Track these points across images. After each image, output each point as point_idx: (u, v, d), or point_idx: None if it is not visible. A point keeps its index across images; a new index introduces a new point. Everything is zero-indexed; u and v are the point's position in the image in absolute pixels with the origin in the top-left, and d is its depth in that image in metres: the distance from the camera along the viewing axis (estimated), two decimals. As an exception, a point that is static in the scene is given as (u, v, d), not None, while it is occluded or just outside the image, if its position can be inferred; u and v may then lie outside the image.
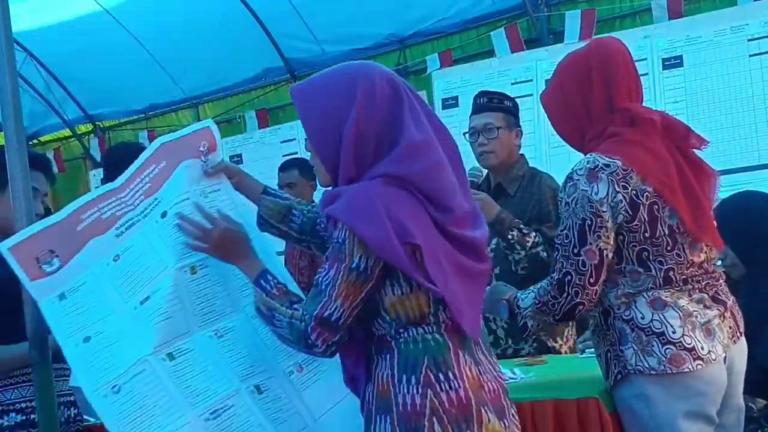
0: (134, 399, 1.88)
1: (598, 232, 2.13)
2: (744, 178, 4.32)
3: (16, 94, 2.03)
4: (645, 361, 2.13)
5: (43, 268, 1.95)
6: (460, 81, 5.53)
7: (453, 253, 1.76)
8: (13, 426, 2.37)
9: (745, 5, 4.82)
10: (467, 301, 1.78)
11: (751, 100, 4.58)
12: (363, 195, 1.71)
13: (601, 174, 2.14)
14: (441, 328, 1.78)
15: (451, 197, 1.76)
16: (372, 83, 1.75)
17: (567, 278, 2.16)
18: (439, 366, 1.75)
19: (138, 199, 2.05)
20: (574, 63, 2.31)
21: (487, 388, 1.80)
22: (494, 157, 3.29)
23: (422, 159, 1.74)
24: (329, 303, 1.74)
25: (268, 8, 6.41)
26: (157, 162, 2.09)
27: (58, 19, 6.81)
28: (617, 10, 5.44)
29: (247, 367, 2.04)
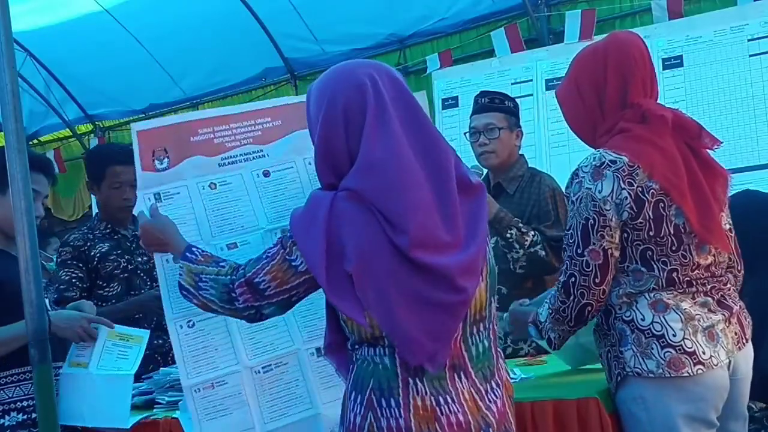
0: (202, 336, 2.05)
1: (601, 231, 2.10)
2: (744, 178, 4.31)
3: (16, 94, 2.03)
4: (644, 364, 2.10)
5: (155, 163, 2.06)
6: (460, 81, 5.53)
7: (408, 279, 1.65)
8: (14, 425, 2.37)
9: (745, 5, 4.82)
10: (425, 333, 1.67)
11: (751, 100, 4.58)
12: (315, 207, 1.71)
13: (607, 171, 2.11)
14: (394, 352, 1.71)
15: (410, 218, 1.64)
16: (335, 91, 1.71)
17: (572, 280, 2.13)
18: (383, 391, 1.70)
19: (246, 140, 2.15)
20: (590, 56, 2.27)
21: (447, 421, 1.68)
22: (495, 157, 3.30)
23: (376, 177, 1.66)
24: (260, 273, 1.77)
25: (268, 8, 6.41)
26: (273, 117, 2.18)
27: (58, 19, 6.81)
28: (617, 10, 5.44)
29: (314, 330, 2.14)
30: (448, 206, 1.69)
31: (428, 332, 1.67)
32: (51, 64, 7.33)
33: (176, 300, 1.99)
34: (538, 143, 5.10)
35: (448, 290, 1.68)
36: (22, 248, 2.02)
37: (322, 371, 2.13)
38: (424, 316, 1.67)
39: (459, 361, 1.74)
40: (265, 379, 2.09)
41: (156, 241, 2.00)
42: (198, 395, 2.01)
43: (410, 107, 1.73)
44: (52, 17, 6.76)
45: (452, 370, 1.72)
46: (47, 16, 6.68)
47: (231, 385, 2.04)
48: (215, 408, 2.03)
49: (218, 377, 2.04)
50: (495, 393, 1.77)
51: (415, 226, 1.64)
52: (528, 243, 3.13)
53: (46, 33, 6.82)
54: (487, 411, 1.73)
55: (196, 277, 1.87)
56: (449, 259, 1.67)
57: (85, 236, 3.35)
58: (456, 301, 1.69)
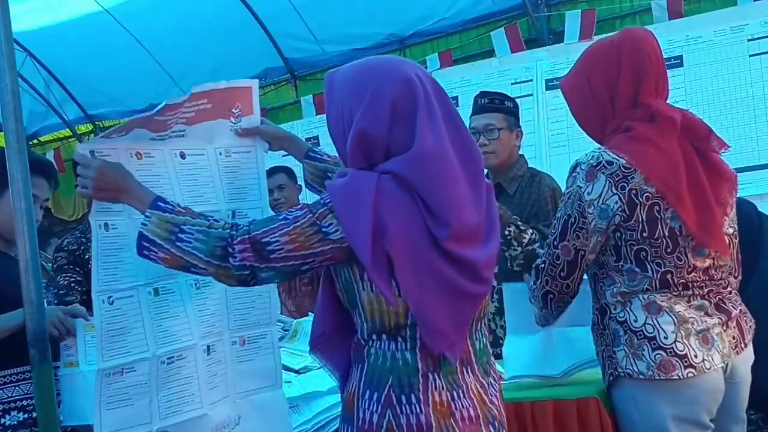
0: (119, 316, 1.95)
1: (578, 231, 2.15)
2: (744, 178, 4.28)
3: (16, 94, 2.02)
4: (635, 365, 2.11)
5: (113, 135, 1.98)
6: (460, 81, 5.53)
7: (442, 268, 1.67)
8: (15, 425, 2.37)
9: (745, 5, 4.82)
10: (451, 322, 1.70)
11: (751, 100, 4.59)
12: (360, 182, 1.68)
13: (600, 173, 2.12)
14: (415, 346, 1.71)
15: (453, 212, 1.67)
16: (382, 84, 1.70)
17: (541, 265, 2.23)
18: (403, 387, 1.70)
19: (181, 120, 2.09)
20: (604, 51, 2.24)
21: (461, 415, 1.70)
22: (495, 158, 3.31)
23: (429, 168, 1.67)
24: (273, 233, 1.69)
25: (268, 8, 6.41)
26: (209, 100, 2.10)
27: (58, 19, 6.80)
28: (617, 10, 5.44)
29: (209, 326, 2.11)
30: (479, 205, 1.73)
31: (453, 321, 1.70)
32: (51, 64, 7.33)
33: (105, 270, 1.93)
34: (538, 143, 5.10)
35: (475, 281, 1.71)
36: (22, 248, 2.01)
37: (210, 369, 2.10)
38: (451, 304, 1.69)
39: (467, 355, 1.77)
40: (168, 371, 2.00)
41: (113, 186, 1.87)
42: (107, 381, 1.92)
43: (450, 107, 1.76)
44: (52, 17, 6.75)
45: (462, 365, 1.75)
46: (47, 16, 6.68)
47: (138, 373, 1.96)
48: (119, 397, 1.94)
49: (129, 363, 1.94)
50: (494, 387, 1.81)
51: (457, 220, 1.67)
52: (526, 241, 3.14)
53: (46, 33, 6.82)
54: (491, 405, 1.77)
55: (175, 227, 1.76)
56: (477, 253, 1.71)
57: (79, 240, 3.34)
58: (481, 292, 1.74)
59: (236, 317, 2.18)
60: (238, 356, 2.17)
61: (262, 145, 2.23)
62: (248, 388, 2.18)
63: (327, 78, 1.82)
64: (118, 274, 1.96)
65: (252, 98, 2.21)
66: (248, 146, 2.20)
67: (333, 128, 1.79)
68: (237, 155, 2.18)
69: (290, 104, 6.78)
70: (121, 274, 1.97)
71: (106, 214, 1.96)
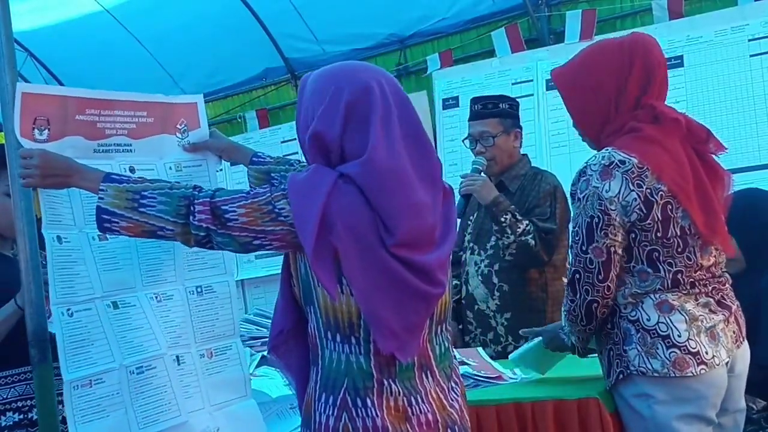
0: (80, 328, 1.96)
1: (605, 229, 2.12)
2: (744, 178, 4.31)
3: (17, 94, 2.02)
4: (648, 363, 2.12)
5: (34, 132, 1.94)
6: (461, 81, 5.52)
7: (394, 269, 1.68)
8: (11, 426, 2.36)
9: (746, 5, 4.81)
10: (403, 323, 1.69)
11: (752, 100, 4.58)
12: (318, 176, 1.71)
13: (615, 171, 2.12)
14: (369, 351, 1.72)
15: (401, 220, 1.68)
16: (340, 88, 1.73)
17: (576, 276, 2.17)
18: (358, 391, 1.71)
19: (122, 131, 2.11)
20: (613, 52, 2.23)
21: (418, 420, 1.71)
22: (494, 165, 3.36)
23: (379, 176, 1.69)
24: (232, 203, 1.74)
25: (268, 8, 6.40)
26: (149, 113, 2.15)
27: (59, 19, 6.80)
28: (618, 10, 5.43)
29: (175, 337, 2.13)
30: (435, 211, 1.74)
31: (404, 322, 1.70)
32: (51, 64, 7.32)
33: (61, 282, 1.93)
34: (538, 143, 5.09)
35: (429, 282, 1.72)
36: (22, 248, 2.01)
37: (183, 380, 2.12)
38: (403, 304, 1.70)
39: (426, 360, 1.77)
40: (139, 381, 2.02)
41: (59, 171, 1.87)
42: (76, 393, 1.92)
43: (411, 115, 1.77)
44: (53, 17, 6.74)
45: (420, 369, 1.76)
46: (47, 16, 6.67)
47: (108, 384, 1.97)
48: (93, 409, 1.94)
49: (96, 374, 1.96)
50: (455, 392, 1.82)
51: (405, 229, 1.68)
52: (520, 231, 3.17)
53: (47, 33, 6.81)
54: (451, 409, 1.78)
55: (136, 194, 1.77)
56: (429, 257, 1.72)
57: None
58: (434, 294, 1.73)
59: (201, 329, 2.20)
60: (207, 369, 2.20)
61: (214, 158, 2.27)
62: (222, 400, 2.21)
63: (302, 80, 1.85)
64: (75, 286, 1.97)
65: (198, 113, 2.25)
66: (199, 160, 2.25)
67: (298, 129, 1.82)
68: (188, 169, 2.22)
69: (290, 104, 6.77)
70: (77, 287, 1.97)
71: (58, 226, 1.96)
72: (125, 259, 2.07)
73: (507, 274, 3.27)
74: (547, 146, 5.11)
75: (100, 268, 2.03)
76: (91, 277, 2.00)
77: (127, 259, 2.08)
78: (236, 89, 7.11)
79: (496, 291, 3.30)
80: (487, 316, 3.32)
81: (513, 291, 3.27)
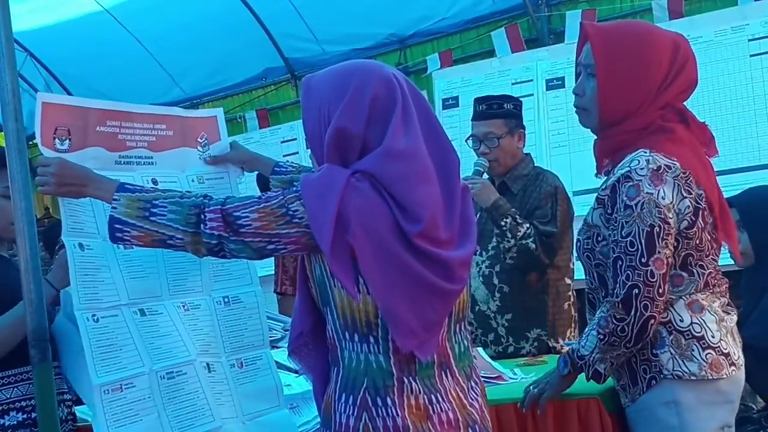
0: (107, 334, 1.94)
1: (666, 239, 2.00)
2: (744, 178, 4.31)
3: (17, 94, 2.02)
4: (684, 366, 2.04)
5: (55, 142, 1.98)
6: (461, 81, 5.53)
7: (411, 265, 1.66)
8: (15, 425, 2.36)
9: (746, 5, 4.81)
10: (421, 320, 1.68)
11: (752, 100, 4.58)
12: (331, 176, 1.70)
13: (666, 176, 2.02)
14: (388, 350, 1.70)
15: (424, 208, 1.66)
16: (363, 83, 1.72)
17: (634, 291, 2.00)
18: (378, 390, 1.69)
19: (143, 143, 2.13)
20: (670, 50, 2.10)
21: (439, 419, 1.70)
22: (498, 166, 3.33)
23: (398, 164, 1.68)
24: (245, 209, 1.72)
25: (268, 8, 6.40)
26: (168, 126, 2.17)
27: (58, 19, 6.80)
28: (618, 10, 5.43)
29: (203, 345, 2.12)
30: (453, 206, 1.73)
31: (422, 319, 1.68)
32: (51, 64, 7.33)
33: (84, 288, 1.93)
34: (539, 143, 5.10)
35: (448, 279, 1.69)
36: (22, 248, 2.01)
37: (214, 387, 2.10)
38: (421, 302, 1.68)
39: (445, 359, 1.76)
40: (170, 386, 2.01)
41: (75, 180, 1.88)
42: (107, 398, 1.90)
43: (427, 110, 1.78)
44: (52, 17, 6.75)
45: (440, 368, 1.74)
46: (47, 16, 6.68)
47: (139, 388, 1.96)
48: (124, 414, 1.93)
49: (126, 378, 1.95)
50: (475, 391, 1.80)
51: (429, 217, 1.66)
52: (521, 234, 3.16)
53: (46, 33, 6.81)
54: (471, 408, 1.76)
55: (147, 203, 1.77)
56: (451, 254, 1.70)
57: None
58: (453, 290, 1.71)
59: (230, 339, 2.20)
60: (238, 379, 2.19)
61: (235, 170, 2.30)
62: (254, 410, 2.19)
63: (304, 82, 1.83)
64: (99, 293, 1.97)
65: (218, 127, 2.28)
66: (221, 172, 2.28)
67: (309, 130, 1.80)
68: (210, 181, 2.25)
69: (290, 104, 6.77)
70: (101, 294, 1.97)
71: (80, 234, 1.97)
72: (151, 268, 2.06)
73: (508, 276, 3.27)
74: (547, 146, 5.12)
75: (125, 276, 2.02)
76: (117, 284, 1.99)
77: (153, 268, 2.07)
78: (236, 89, 7.11)
79: (497, 292, 3.30)
80: (487, 317, 3.32)
81: (514, 292, 3.27)
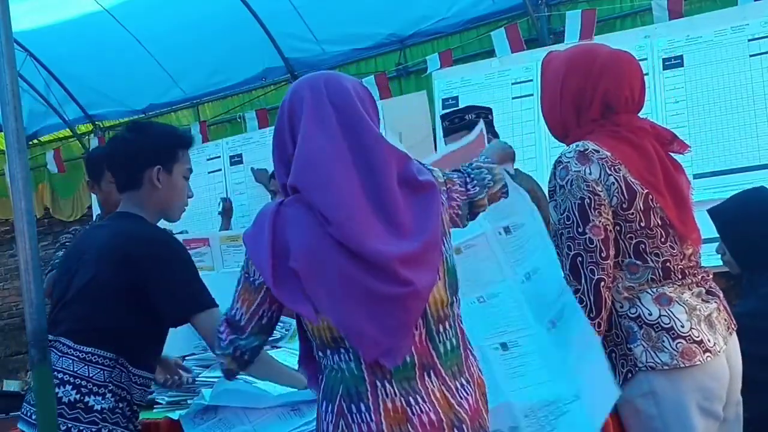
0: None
1: (598, 208, 2.13)
2: (744, 178, 4.32)
3: (16, 94, 2.03)
4: (656, 357, 2.12)
5: None
6: (461, 81, 5.52)
7: (355, 275, 1.67)
8: None
9: (746, 5, 4.81)
10: (381, 327, 1.68)
11: (751, 100, 4.58)
12: (262, 217, 1.79)
13: (592, 157, 2.16)
14: (359, 357, 1.73)
15: (340, 209, 1.68)
16: (283, 105, 1.83)
17: (578, 259, 2.13)
18: (352, 397, 1.73)
19: None
20: (584, 66, 2.28)
21: (420, 420, 1.70)
22: None
23: (308, 170, 1.73)
24: (235, 304, 1.85)
25: (268, 8, 6.40)
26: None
27: (58, 19, 6.79)
28: (618, 10, 5.43)
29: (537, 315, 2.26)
30: (384, 199, 1.71)
31: (381, 326, 1.68)
32: (51, 64, 7.32)
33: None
34: (538, 143, 5.09)
35: (393, 282, 1.67)
36: (22, 248, 2.01)
37: (504, 364, 2.23)
38: (375, 310, 1.68)
39: (427, 359, 1.75)
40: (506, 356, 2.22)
41: None
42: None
43: (354, 113, 1.77)
44: (52, 17, 6.74)
45: (422, 369, 1.74)
46: (47, 16, 6.67)
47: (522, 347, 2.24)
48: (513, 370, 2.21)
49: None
50: (465, 390, 1.78)
51: (345, 217, 1.68)
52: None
53: (46, 33, 6.81)
54: (459, 408, 1.75)
55: None
56: (388, 248, 1.68)
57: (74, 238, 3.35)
58: (403, 294, 1.68)
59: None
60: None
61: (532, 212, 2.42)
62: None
63: None
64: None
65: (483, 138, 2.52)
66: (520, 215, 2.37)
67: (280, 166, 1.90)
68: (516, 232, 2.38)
69: (290, 104, 6.77)
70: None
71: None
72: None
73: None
74: (546, 146, 5.11)
75: None
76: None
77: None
78: (236, 89, 7.11)
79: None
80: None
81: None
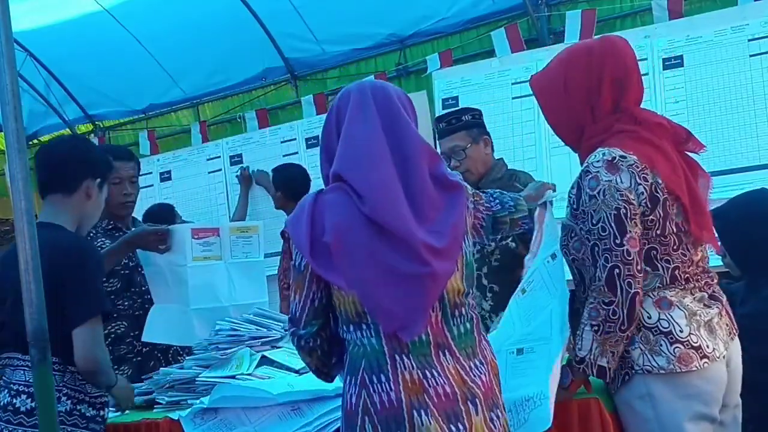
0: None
1: (634, 219, 2.10)
2: (744, 178, 4.31)
3: (16, 94, 2.03)
4: (653, 361, 2.13)
5: None
6: (461, 81, 5.51)
7: (383, 253, 1.86)
8: None
9: (746, 5, 4.81)
10: (401, 305, 1.86)
11: (751, 100, 4.57)
12: (302, 203, 1.96)
13: (621, 165, 2.12)
14: (379, 332, 1.90)
15: (373, 190, 1.86)
16: (331, 106, 2.00)
17: (615, 271, 2.08)
18: (373, 369, 1.90)
19: None
20: (583, 58, 2.25)
21: (435, 392, 1.87)
22: (471, 175, 3.45)
23: (349, 147, 1.92)
24: (292, 303, 1.98)
25: (268, 8, 6.40)
26: None
27: (58, 19, 6.80)
28: (618, 10, 5.43)
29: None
30: (414, 188, 1.89)
31: (400, 302, 1.86)
32: (51, 64, 7.32)
33: None
34: (538, 143, 5.09)
35: (415, 261, 1.86)
36: (22, 248, 2.02)
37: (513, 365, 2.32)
38: (397, 286, 1.86)
39: (442, 340, 1.92)
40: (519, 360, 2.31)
41: None
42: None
43: (394, 111, 1.95)
44: (52, 17, 6.74)
45: (437, 347, 1.91)
46: (47, 16, 6.67)
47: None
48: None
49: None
50: (479, 369, 1.95)
51: (378, 198, 1.86)
52: (500, 236, 3.21)
53: (46, 33, 6.81)
54: (472, 384, 1.92)
55: None
56: (415, 229, 1.86)
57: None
58: (422, 273, 1.86)
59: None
60: None
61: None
62: None
63: None
64: None
65: None
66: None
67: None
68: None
69: (290, 104, 6.77)
70: None
71: None
72: None
73: (496, 276, 3.34)
74: (546, 146, 5.11)
75: None
76: None
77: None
78: (236, 89, 7.11)
79: (488, 292, 3.35)
80: (483, 317, 3.34)
81: (504, 291, 3.31)
